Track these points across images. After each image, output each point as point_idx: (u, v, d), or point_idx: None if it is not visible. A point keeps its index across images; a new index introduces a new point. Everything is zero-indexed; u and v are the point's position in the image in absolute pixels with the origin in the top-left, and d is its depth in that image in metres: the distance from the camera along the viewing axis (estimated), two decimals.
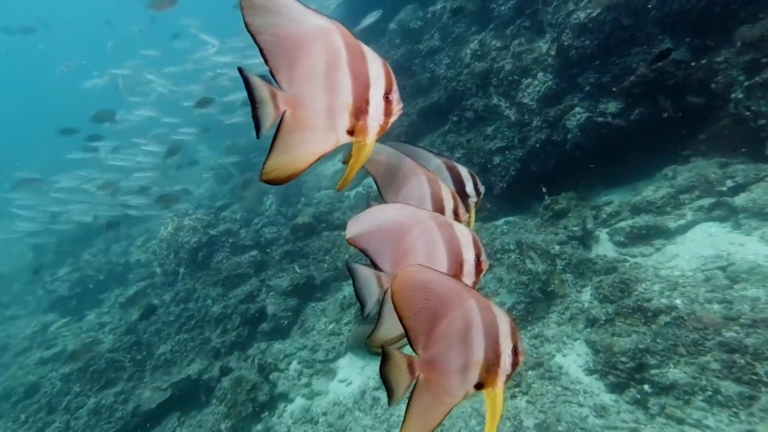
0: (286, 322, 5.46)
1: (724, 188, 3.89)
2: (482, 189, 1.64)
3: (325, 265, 6.16)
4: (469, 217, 1.60)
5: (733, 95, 3.84)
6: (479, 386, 1.12)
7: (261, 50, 1.01)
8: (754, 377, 2.49)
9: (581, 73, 4.90)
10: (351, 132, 1.11)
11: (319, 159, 1.08)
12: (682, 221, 3.95)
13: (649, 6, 4.39)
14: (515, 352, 1.14)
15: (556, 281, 4.04)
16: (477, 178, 1.65)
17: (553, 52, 5.07)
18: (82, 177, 9.73)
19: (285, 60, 1.04)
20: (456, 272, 1.28)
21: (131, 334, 5.93)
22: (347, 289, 5.72)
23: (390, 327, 1.25)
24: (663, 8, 4.35)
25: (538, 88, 5.28)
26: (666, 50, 4.18)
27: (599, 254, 4.15)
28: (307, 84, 1.05)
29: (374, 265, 1.27)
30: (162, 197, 6.87)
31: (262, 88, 1.04)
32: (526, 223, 5.03)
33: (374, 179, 1.45)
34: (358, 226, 1.24)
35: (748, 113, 3.69)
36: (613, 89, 4.65)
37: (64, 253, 10.46)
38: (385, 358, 1.11)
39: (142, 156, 9.43)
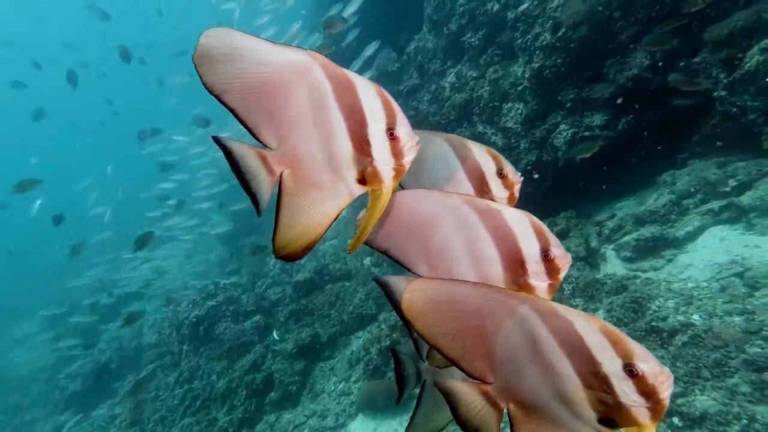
0: (294, 387, 5.35)
1: (728, 188, 3.80)
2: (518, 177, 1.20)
3: (331, 321, 6.10)
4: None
5: (716, 93, 3.85)
6: (609, 423, 0.80)
7: (233, 111, 0.87)
8: None
9: (560, 90, 5.00)
10: (362, 181, 0.95)
11: (335, 220, 0.94)
12: (689, 228, 3.85)
13: (614, 18, 4.54)
14: (631, 372, 0.77)
15: None
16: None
17: (528, 75, 5.21)
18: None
19: (264, 114, 0.90)
20: (516, 275, 1.00)
21: (135, 426, 5.87)
22: (355, 343, 5.63)
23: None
24: (628, 19, 4.48)
25: (520, 111, 5.39)
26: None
27: (607, 273, 4.03)
28: (296, 135, 0.91)
29: (408, 270, 1.04)
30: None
31: (248, 154, 0.91)
32: None
33: None
34: None
35: (735, 110, 3.68)
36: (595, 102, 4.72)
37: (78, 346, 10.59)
38: (450, 400, 0.88)
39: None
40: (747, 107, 3.56)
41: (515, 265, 0.99)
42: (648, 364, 0.78)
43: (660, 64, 4.36)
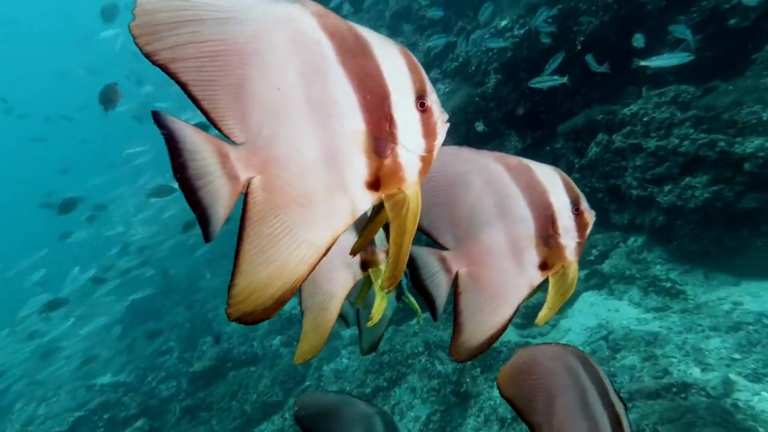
0: None
1: (592, 257, 4.48)
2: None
3: (231, 414, 5.67)
4: None
5: (572, 175, 4.64)
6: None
7: (184, 86, 0.63)
8: None
9: None
10: (373, 184, 0.70)
11: (324, 255, 0.67)
12: None
13: (490, 108, 5.37)
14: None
15: (467, 380, 4.14)
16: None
17: None
18: None
19: (231, 94, 0.64)
20: (548, 235, 0.99)
21: None
22: None
23: (476, 328, 1.01)
24: (501, 110, 5.33)
25: None
26: None
27: (503, 341, 4.38)
28: (276, 121, 0.66)
29: (435, 243, 1.01)
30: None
31: (203, 148, 0.64)
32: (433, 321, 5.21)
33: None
34: None
35: (587, 189, 4.46)
36: None
37: None
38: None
39: None
40: (595, 188, 4.34)
41: (546, 223, 0.99)
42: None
43: (528, 148, 5.18)
